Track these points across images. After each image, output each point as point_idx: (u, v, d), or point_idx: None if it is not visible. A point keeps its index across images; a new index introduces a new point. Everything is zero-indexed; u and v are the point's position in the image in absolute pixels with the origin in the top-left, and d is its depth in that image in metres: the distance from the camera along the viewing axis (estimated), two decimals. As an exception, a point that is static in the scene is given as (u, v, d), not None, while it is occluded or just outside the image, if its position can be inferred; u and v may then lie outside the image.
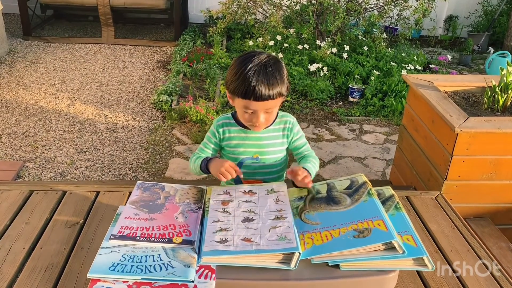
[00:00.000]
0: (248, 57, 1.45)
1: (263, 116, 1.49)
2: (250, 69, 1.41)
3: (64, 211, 1.83)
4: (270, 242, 1.15)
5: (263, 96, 1.41)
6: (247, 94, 1.41)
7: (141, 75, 5.21)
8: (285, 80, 1.48)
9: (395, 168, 2.97)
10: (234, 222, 1.24)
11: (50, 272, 1.49)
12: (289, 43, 5.48)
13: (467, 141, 2.17)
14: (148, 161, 3.50)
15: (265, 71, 1.41)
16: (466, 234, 1.78)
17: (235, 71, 1.45)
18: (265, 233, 1.18)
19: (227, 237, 1.17)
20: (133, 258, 1.06)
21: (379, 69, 5.05)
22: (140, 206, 1.26)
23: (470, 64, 6.16)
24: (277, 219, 1.24)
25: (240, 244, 1.15)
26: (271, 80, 1.41)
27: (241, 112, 1.50)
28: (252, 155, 1.62)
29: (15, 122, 3.97)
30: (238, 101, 1.47)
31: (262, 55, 1.46)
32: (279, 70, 1.46)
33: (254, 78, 1.39)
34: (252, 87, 1.39)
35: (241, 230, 1.20)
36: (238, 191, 1.40)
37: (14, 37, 6.18)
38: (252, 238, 1.17)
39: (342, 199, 1.29)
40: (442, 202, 1.97)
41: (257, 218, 1.25)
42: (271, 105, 1.47)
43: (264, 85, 1.40)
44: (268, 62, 1.44)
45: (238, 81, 1.42)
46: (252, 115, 1.48)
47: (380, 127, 4.26)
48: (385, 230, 1.13)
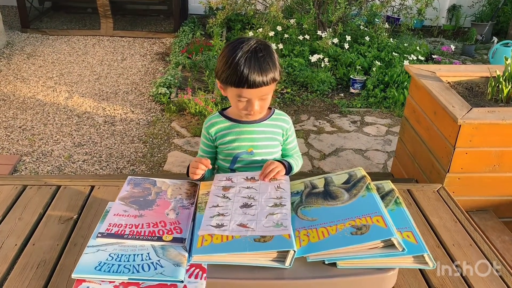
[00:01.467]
0: (237, 44, 1.40)
1: (258, 104, 1.44)
2: (241, 56, 1.36)
3: (58, 206, 1.80)
4: (265, 228, 1.13)
5: (256, 83, 1.36)
6: (240, 82, 1.36)
7: (140, 67, 5.16)
8: (277, 65, 1.43)
9: (397, 161, 2.92)
10: (233, 207, 1.22)
11: (43, 269, 1.46)
12: (290, 33, 5.40)
13: (470, 133, 2.12)
14: (146, 155, 3.46)
15: (256, 57, 1.37)
16: (469, 227, 1.74)
17: (225, 59, 1.40)
18: (261, 219, 1.16)
19: (224, 222, 1.16)
20: (121, 257, 1.01)
21: (381, 60, 4.98)
22: (130, 202, 1.22)
23: (474, 54, 6.07)
24: (275, 206, 1.22)
25: (235, 229, 1.13)
26: (263, 66, 1.37)
27: (235, 101, 1.45)
28: (246, 149, 1.58)
29: (12, 115, 3.93)
30: (230, 90, 1.43)
31: (251, 41, 1.41)
32: (270, 55, 1.41)
33: (246, 65, 1.35)
34: (244, 75, 1.34)
35: (238, 216, 1.18)
36: (240, 177, 1.38)
37: (12, 29, 6.13)
38: (248, 224, 1.15)
39: (339, 194, 1.24)
40: (444, 195, 1.92)
41: (255, 204, 1.23)
42: (265, 92, 1.42)
43: (257, 72, 1.35)
44: (258, 47, 1.39)
45: (230, 70, 1.37)
46: (246, 103, 1.44)
47: (381, 118, 4.20)
48: (384, 227, 1.08)
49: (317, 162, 3.43)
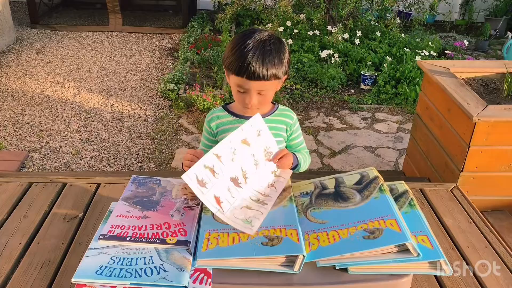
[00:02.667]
0: (249, 33, 1.35)
1: (256, 98, 1.37)
2: (248, 44, 1.30)
3: (63, 204, 1.78)
4: (234, 218, 1.09)
5: (256, 75, 1.30)
6: (240, 70, 1.31)
7: (148, 63, 5.13)
8: (284, 63, 1.36)
9: (409, 159, 2.86)
10: (225, 172, 1.18)
11: (47, 269, 1.44)
12: (299, 29, 5.33)
13: (486, 131, 2.06)
14: (154, 151, 3.43)
15: (263, 48, 1.31)
16: (484, 229, 1.68)
17: (233, 45, 1.35)
18: (236, 207, 1.13)
19: (208, 180, 1.12)
20: (123, 260, 0.97)
21: (392, 56, 4.90)
22: (133, 202, 1.18)
23: (487, 50, 5.96)
24: (257, 202, 1.18)
25: (209, 199, 1.09)
26: (267, 59, 1.30)
27: (235, 90, 1.40)
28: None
29: (20, 111, 3.92)
30: (232, 78, 1.37)
31: (264, 32, 1.36)
32: (278, 51, 1.34)
33: (250, 54, 1.29)
34: (246, 63, 1.29)
35: (222, 186, 1.15)
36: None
37: (21, 25, 6.13)
38: (222, 203, 1.11)
39: (351, 196, 1.19)
40: (458, 195, 1.87)
41: (242, 188, 1.19)
42: (265, 87, 1.35)
43: (259, 63, 1.29)
44: (268, 40, 1.33)
45: (234, 56, 1.32)
46: (244, 95, 1.37)
47: (393, 115, 4.12)
48: (398, 231, 1.03)
49: (327, 160, 3.38)
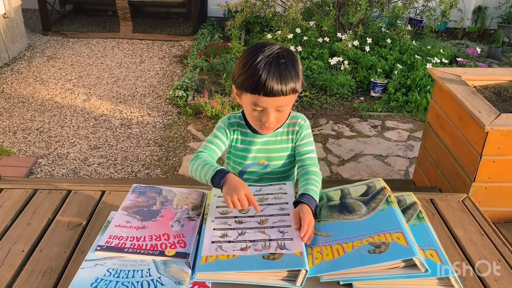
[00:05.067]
0: (258, 48, 1.28)
1: (274, 115, 1.30)
2: (261, 60, 1.24)
3: (67, 211, 1.76)
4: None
5: (274, 91, 1.24)
6: (256, 88, 1.24)
7: (158, 70, 5.14)
8: (300, 75, 1.30)
9: (419, 168, 2.80)
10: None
11: (49, 277, 1.42)
12: (309, 36, 5.31)
13: (499, 140, 2.00)
14: (161, 158, 3.41)
15: (277, 63, 1.25)
16: (497, 241, 1.62)
17: (243, 62, 1.28)
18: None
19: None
20: (120, 272, 0.95)
21: (402, 63, 4.84)
22: (133, 212, 1.15)
23: (500, 57, 5.87)
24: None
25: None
26: (283, 73, 1.24)
27: (249, 109, 1.33)
28: (258, 161, 1.48)
29: (30, 117, 3.94)
30: (246, 97, 1.31)
31: (274, 46, 1.30)
32: (293, 63, 1.28)
33: (265, 70, 1.23)
34: (262, 80, 1.23)
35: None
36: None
37: (33, 32, 6.20)
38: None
39: (357, 207, 1.15)
40: (469, 205, 1.82)
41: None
42: (283, 103, 1.29)
43: (276, 79, 1.23)
44: (281, 53, 1.27)
45: (247, 74, 1.26)
46: (261, 113, 1.30)
47: (403, 123, 4.07)
48: (405, 245, 0.99)
49: (336, 168, 3.33)
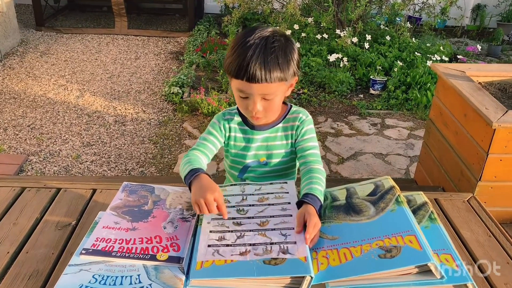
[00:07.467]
0: (251, 31, 1.18)
1: (260, 104, 1.19)
2: (248, 42, 1.13)
3: (56, 210, 1.68)
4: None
5: (257, 77, 1.12)
6: (239, 72, 1.13)
7: (153, 66, 5.04)
8: (292, 63, 1.18)
9: (421, 166, 2.72)
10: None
11: (35, 280, 1.33)
12: (307, 32, 5.22)
13: (506, 138, 1.93)
14: (156, 156, 3.32)
15: (265, 47, 1.13)
16: (505, 243, 1.55)
17: (232, 45, 1.19)
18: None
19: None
20: (106, 279, 0.86)
21: (402, 60, 4.77)
22: (122, 212, 1.07)
23: (500, 55, 5.81)
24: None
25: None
26: (269, 58, 1.12)
27: (237, 96, 1.23)
28: (258, 159, 1.39)
29: (21, 113, 3.84)
30: (232, 82, 1.21)
31: (267, 28, 1.19)
32: (284, 48, 1.16)
33: (250, 54, 1.12)
34: (244, 64, 1.12)
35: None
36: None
37: (26, 27, 6.08)
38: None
39: (364, 208, 1.06)
40: (475, 205, 1.74)
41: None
42: (269, 91, 1.17)
43: (260, 64, 1.11)
44: (272, 36, 1.16)
45: (232, 57, 1.16)
46: (247, 101, 1.20)
47: (403, 121, 3.99)
48: (418, 249, 0.91)
49: (335, 167, 3.25)
